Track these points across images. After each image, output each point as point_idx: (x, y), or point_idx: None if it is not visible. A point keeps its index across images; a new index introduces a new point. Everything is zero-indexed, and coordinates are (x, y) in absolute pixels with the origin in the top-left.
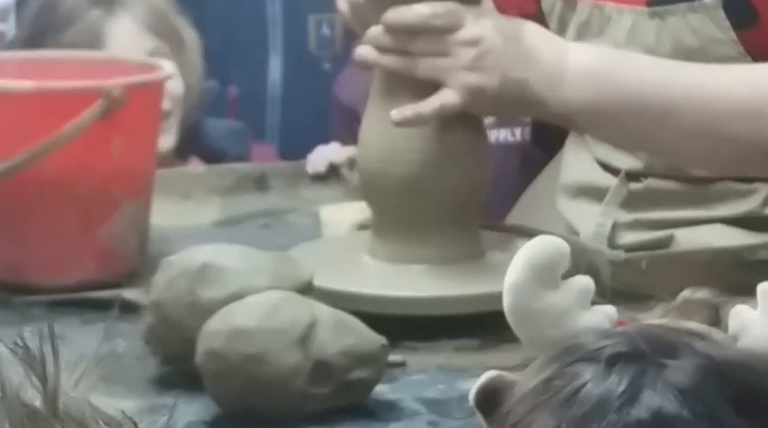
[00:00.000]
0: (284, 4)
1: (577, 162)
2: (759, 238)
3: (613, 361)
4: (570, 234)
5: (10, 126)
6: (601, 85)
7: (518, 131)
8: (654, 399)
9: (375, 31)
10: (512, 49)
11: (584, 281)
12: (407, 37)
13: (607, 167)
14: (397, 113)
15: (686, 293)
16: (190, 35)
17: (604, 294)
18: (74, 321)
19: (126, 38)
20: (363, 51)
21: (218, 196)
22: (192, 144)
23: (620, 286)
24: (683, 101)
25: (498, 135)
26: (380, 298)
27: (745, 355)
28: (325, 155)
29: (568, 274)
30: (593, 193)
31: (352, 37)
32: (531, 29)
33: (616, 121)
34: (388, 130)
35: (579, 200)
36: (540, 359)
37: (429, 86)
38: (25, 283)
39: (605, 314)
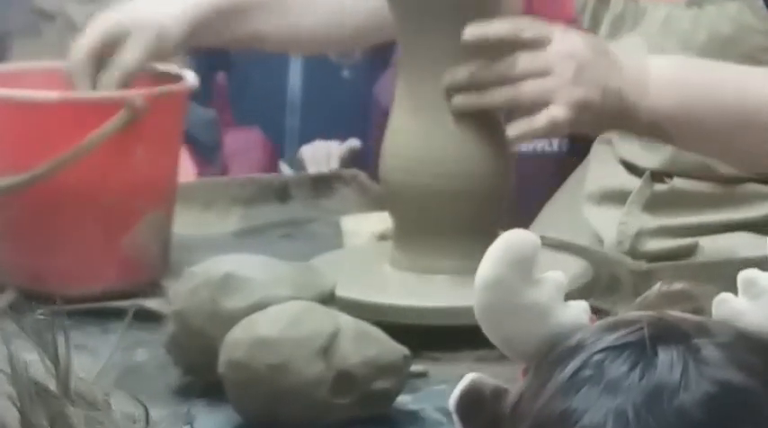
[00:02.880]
0: None
1: (603, 167)
2: None
3: (652, 344)
4: (595, 242)
5: (34, 136)
6: (683, 91)
7: (555, 141)
8: (716, 373)
9: (461, 75)
10: (603, 61)
11: (558, 276)
12: (503, 64)
13: (632, 169)
14: (512, 130)
15: (661, 285)
16: None
17: (626, 304)
18: (95, 331)
19: None
20: (459, 102)
21: (240, 206)
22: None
23: None
24: (762, 103)
25: (536, 144)
26: (402, 309)
27: (757, 336)
28: (324, 151)
29: (592, 284)
30: (618, 197)
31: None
32: (604, 41)
33: (702, 127)
34: (410, 141)
35: (604, 206)
36: (527, 362)
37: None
38: (47, 292)
39: (582, 308)
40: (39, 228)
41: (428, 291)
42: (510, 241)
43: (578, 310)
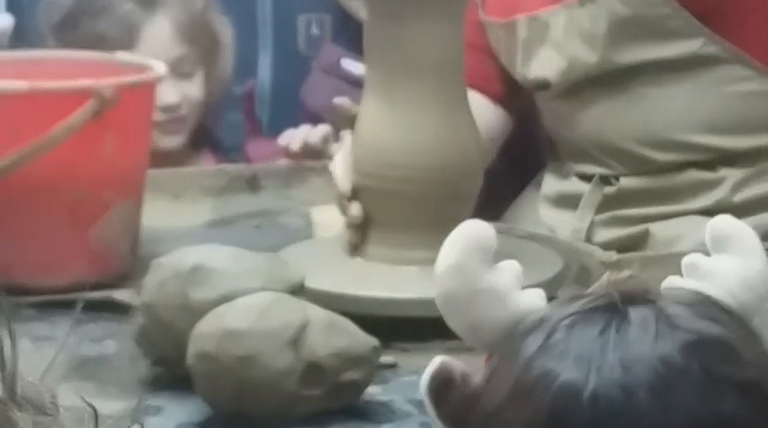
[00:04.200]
0: (274, 3)
1: (556, 174)
2: None
3: (624, 304)
4: None
5: (2, 126)
6: None
7: None
8: (688, 324)
9: None
10: None
11: (514, 264)
12: None
13: (583, 176)
14: None
15: (609, 275)
16: (226, 36)
17: None
18: (64, 322)
19: (159, 40)
20: None
21: (210, 196)
22: (204, 136)
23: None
24: None
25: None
26: (372, 300)
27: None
28: (297, 135)
29: (562, 274)
30: (571, 201)
31: (340, 37)
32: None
33: None
34: (381, 132)
35: (558, 209)
36: (488, 348)
37: (423, 90)
38: (15, 284)
39: (539, 294)
40: (6, 219)
41: (398, 282)
42: (468, 230)
43: (536, 296)
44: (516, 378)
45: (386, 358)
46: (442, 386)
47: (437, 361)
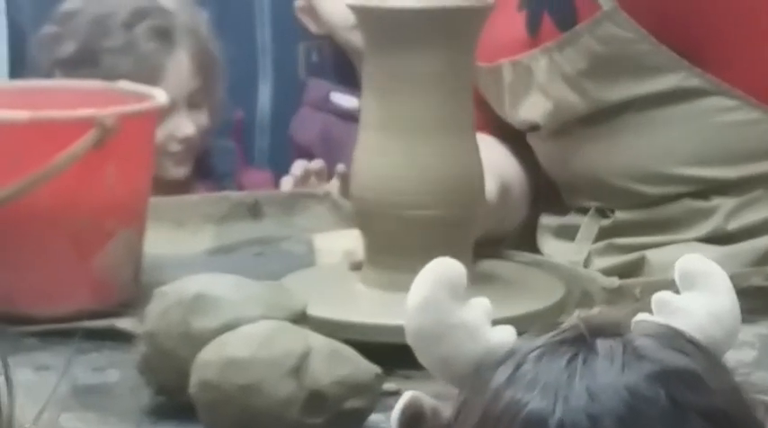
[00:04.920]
0: (274, 31)
1: (554, 206)
2: (724, 252)
3: (591, 337)
4: None
5: (4, 155)
6: None
7: None
8: (654, 355)
9: None
10: None
11: (484, 301)
12: None
13: (579, 209)
14: None
15: (579, 312)
16: (221, 64)
17: None
18: (66, 351)
19: (180, 75)
20: None
21: (212, 224)
22: (199, 164)
23: None
24: None
25: None
26: (374, 327)
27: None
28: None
29: (564, 300)
30: (569, 232)
31: (327, 72)
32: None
33: None
34: (380, 159)
35: (557, 240)
36: (459, 385)
37: (419, 115)
38: (18, 313)
39: (509, 331)
40: (9, 248)
41: (400, 309)
42: (438, 266)
43: (505, 331)
44: (485, 408)
45: (389, 385)
46: (413, 420)
47: (407, 395)
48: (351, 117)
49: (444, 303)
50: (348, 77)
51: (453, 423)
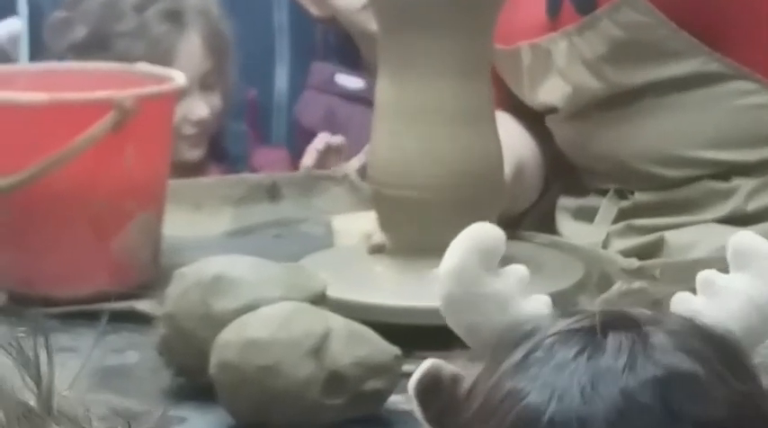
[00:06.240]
0: (291, 12)
1: (573, 188)
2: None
3: (602, 329)
4: None
5: (23, 138)
6: None
7: None
8: (663, 357)
9: None
10: None
11: (521, 269)
12: None
13: (598, 191)
14: None
15: (620, 285)
16: (233, 46)
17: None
18: (87, 333)
19: (192, 57)
20: None
21: (230, 206)
22: (212, 147)
23: None
24: None
25: None
26: (394, 309)
27: (708, 328)
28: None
29: (583, 281)
30: (589, 214)
31: (345, 46)
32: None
33: None
34: (398, 144)
35: (576, 221)
36: (489, 352)
37: (436, 99)
38: (38, 295)
39: (544, 301)
40: (28, 231)
41: (419, 291)
42: (474, 233)
43: (539, 303)
44: (487, 392)
45: (408, 367)
46: (431, 387)
47: (426, 363)
48: (356, 98)
49: (475, 271)
50: (352, 59)
51: (465, 398)
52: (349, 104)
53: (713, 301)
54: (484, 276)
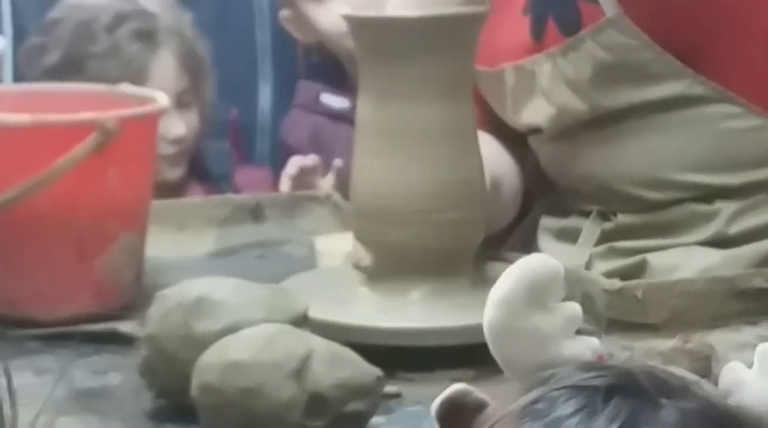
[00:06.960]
0: (273, 32)
1: (555, 209)
2: (726, 255)
3: (608, 394)
4: None
5: (6, 159)
6: None
7: None
8: None
9: None
10: None
11: (574, 308)
12: None
13: (581, 212)
14: None
15: (676, 342)
16: (208, 63)
17: (599, 323)
18: (69, 354)
19: (166, 75)
20: None
21: (214, 227)
22: (193, 166)
23: (616, 315)
24: None
25: None
26: (376, 330)
27: (740, 409)
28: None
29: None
30: (571, 235)
31: (330, 67)
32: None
33: None
34: (378, 166)
35: (559, 242)
36: (522, 383)
37: (417, 123)
38: (20, 316)
39: (589, 345)
40: (11, 251)
41: (402, 312)
42: (528, 264)
43: (583, 345)
44: (493, 426)
45: (390, 388)
46: (453, 412)
47: (454, 387)
48: (341, 118)
49: (521, 304)
50: (337, 79)
51: (484, 425)
52: (334, 124)
53: (763, 378)
54: (529, 310)
